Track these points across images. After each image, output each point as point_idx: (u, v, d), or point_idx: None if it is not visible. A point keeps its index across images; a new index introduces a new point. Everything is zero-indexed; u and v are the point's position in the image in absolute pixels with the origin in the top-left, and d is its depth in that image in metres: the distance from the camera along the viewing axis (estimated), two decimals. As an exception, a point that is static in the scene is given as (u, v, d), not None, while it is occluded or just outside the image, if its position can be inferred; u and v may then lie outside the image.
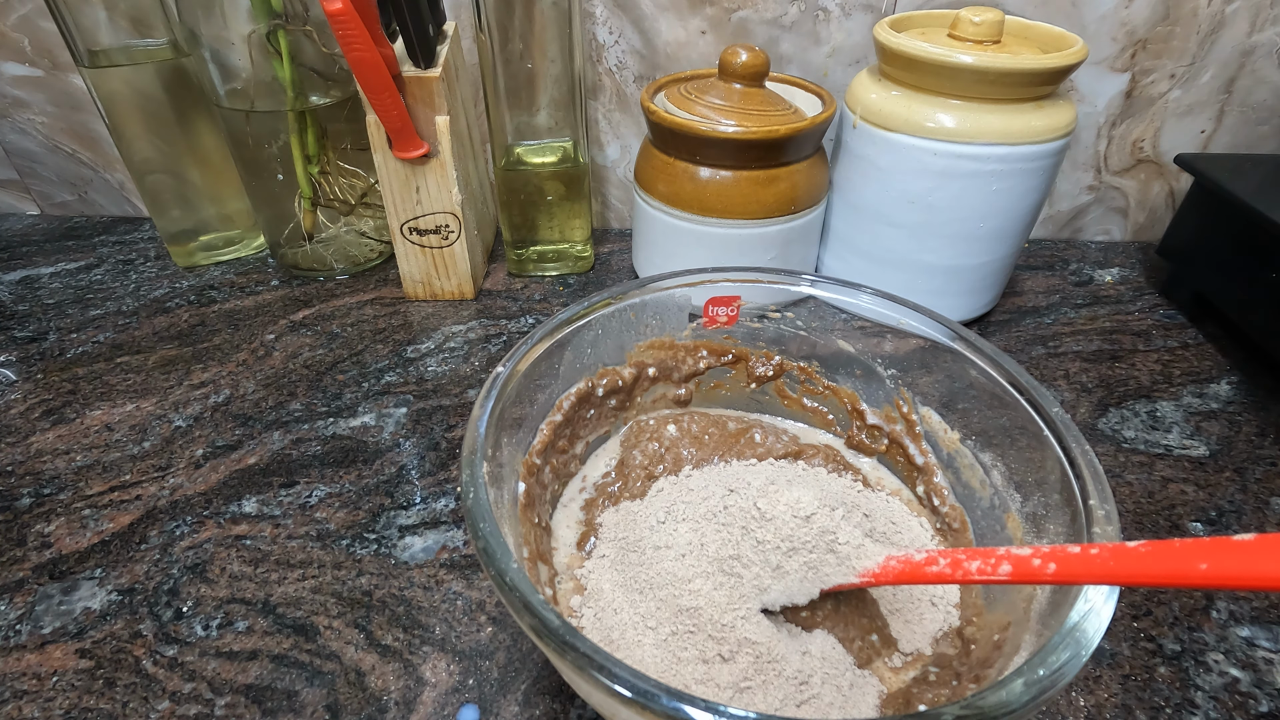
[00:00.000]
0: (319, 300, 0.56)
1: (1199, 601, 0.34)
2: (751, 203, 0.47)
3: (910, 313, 0.32)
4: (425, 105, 0.47)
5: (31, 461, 0.41)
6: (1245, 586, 0.15)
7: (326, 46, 0.49)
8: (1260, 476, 0.41)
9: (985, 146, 0.43)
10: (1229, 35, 0.54)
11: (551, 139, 0.54)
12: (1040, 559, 0.19)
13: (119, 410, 0.45)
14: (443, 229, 0.52)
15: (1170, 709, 0.30)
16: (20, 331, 0.53)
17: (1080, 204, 0.64)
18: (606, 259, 0.62)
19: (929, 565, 0.23)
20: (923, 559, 0.23)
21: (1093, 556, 0.18)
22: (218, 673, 0.31)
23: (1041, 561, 0.19)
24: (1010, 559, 0.20)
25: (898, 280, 0.50)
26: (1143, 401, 0.47)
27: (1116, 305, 0.56)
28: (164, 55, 0.52)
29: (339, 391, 0.47)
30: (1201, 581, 0.16)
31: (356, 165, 0.55)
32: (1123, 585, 0.18)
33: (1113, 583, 0.18)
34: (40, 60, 0.60)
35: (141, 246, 0.63)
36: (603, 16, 0.56)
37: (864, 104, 0.47)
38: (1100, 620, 0.20)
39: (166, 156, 0.55)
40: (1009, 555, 0.20)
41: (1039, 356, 0.51)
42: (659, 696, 0.17)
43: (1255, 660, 0.32)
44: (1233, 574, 0.15)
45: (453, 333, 0.52)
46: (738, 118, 0.45)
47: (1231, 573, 0.15)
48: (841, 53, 0.57)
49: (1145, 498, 0.40)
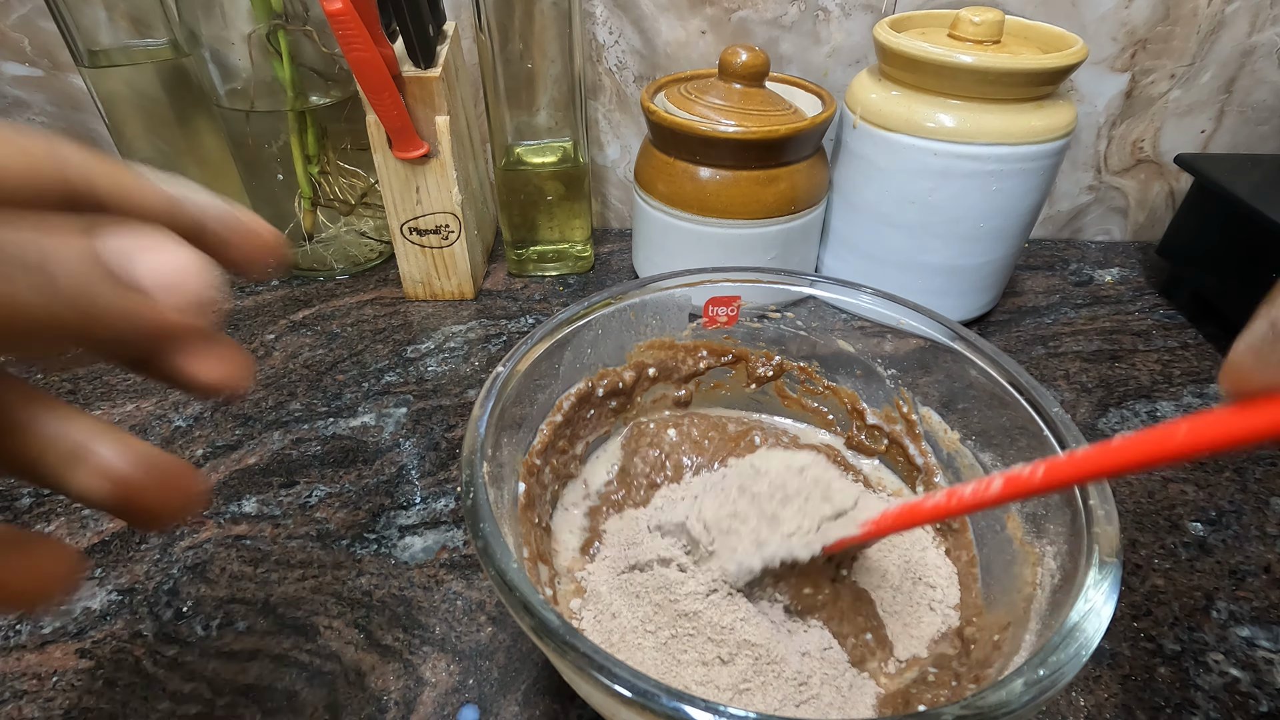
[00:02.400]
0: (319, 300, 0.56)
1: (1199, 601, 0.34)
2: (751, 203, 0.47)
3: (910, 313, 0.32)
4: (425, 105, 0.47)
5: (31, 461, 0.41)
6: (1223, 445, 0.16)
7: (326, 46, 0.49)
8: (1260, 476, 0.41)
9: (985, 146, 0.43)
10: (1229, 35, 0.54)
11: (551, 139, 0.54)
12: (1028, 468, 0.20)
13: (119, 410, 0.45)
14: (443, 229, 0.52)
15: (1170, 709, 0.30)
16: (20, 331, 0.52)
17: (1080, 204, 0.64)
18: (606, 259, 0.62)
19: (925, 502, 0.23)
20: (919, 499, 0.24)
21: (1077, 456, 0.19)
22: (218, 673, 0.31)
23: (1030, 470, 0.20)
24: (1001, 476, 0.21)
25: (898, 280, 0.50)
26: (1143, 401, 0.47)
27: (1116, 305, 0.56)
28: (164, 55, 0.52)
29: (339, 391, 0.47)
30: (1181, 448, 0.16)
31: (356, 165, 0.55)
32: (1109, 475, 0.18)
33: (1099, 474, 0.18)
34: (40, 60, 0.60)
35: (141, 246, 0.63)
36: (603, 16, 0.56)
37: (864, 104, 0.47)
38: (1100, 620, 0.20)
39: (166, 156, 0.55)
40: (1000, 475, 0.21)
41: (1039, 356, 0.51)
42: (659, 696, 0.17)
43: (1255, 660, 0.32)
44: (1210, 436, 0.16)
45: (453, 333, 0.52)
46: (738, 118, 0.45)
47: (1208, 435, 0.16)
48: (841, 53, 0.57)
49: (1145, 498, 0.40)
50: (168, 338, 0.14)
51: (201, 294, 0.13)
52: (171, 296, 0.13)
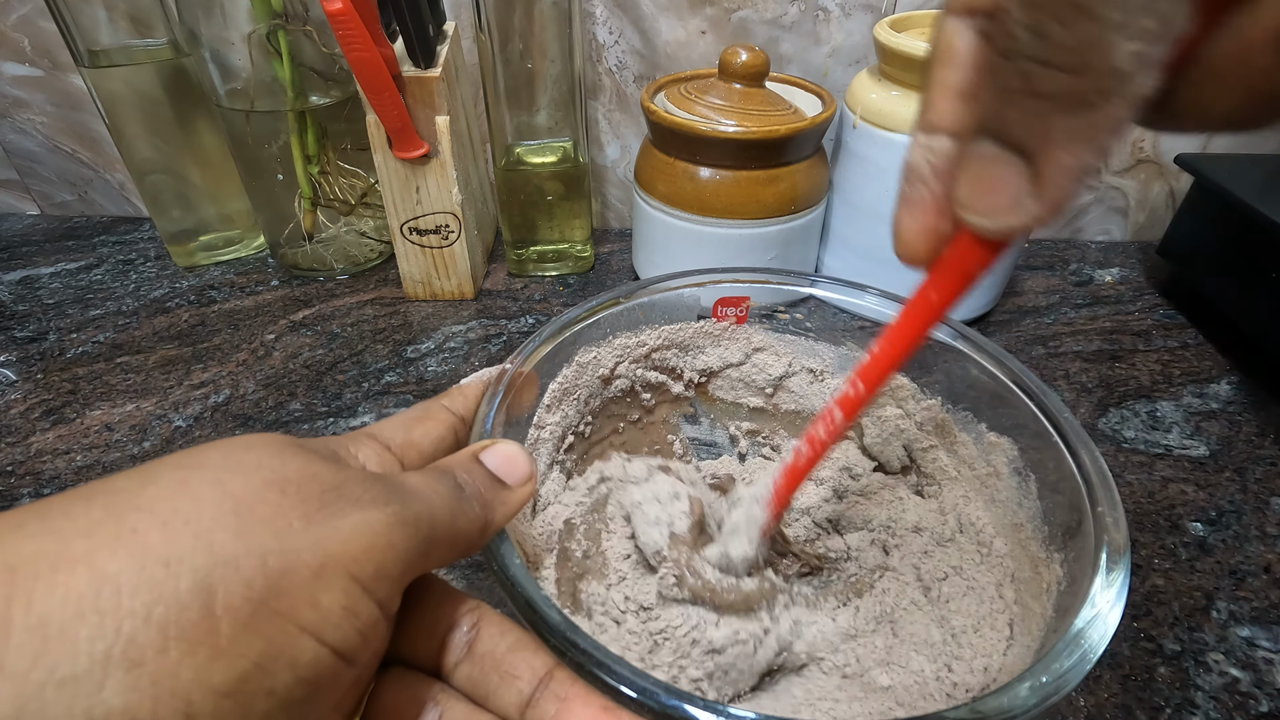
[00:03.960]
0: (319, 300, 0.56)
1: (1199, 601, 0.34)
2: (751, 203, 0.47)
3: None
4: (425, 105, 0.47)
5: (31, 461, 0.41)
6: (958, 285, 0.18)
7: (326, 46, 0.49)
8: (1260, 476, 0.41)
9: (985, 146, 0.43)
10: (1229, 35, 0.54)
11: (551, 139, 0.54)
12: (850, 385, 0.22)
13: (119, 410, 0.45)
14: (443, 229, 0.52)
15: (1170, 709, 0.30)
16: (20, 331, 0.53)
17: (1080, 204, 0.64)
18: (606, 259, 0.62)
19: (795, 461, 0.25)
20: (789, 460, 0.26)
21: (875, 353, 0.21)
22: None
23: (851, 387, 0.22)
24: (835, 404, 0.23)
25: (898, 280, 0.50)
26: (1143, 401, 0.46)
27: (1116, 305, 0.56)
28: (164, 55, 0.52)
29: (339, 391, 0.47)
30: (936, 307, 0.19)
31: (356, 165, 0.55)
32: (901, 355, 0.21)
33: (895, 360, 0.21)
34: (40, 60, 0.60)
35: (141, 246, 0.63)
36: (603, 16, 0.56)
37: (864, 104, 0.47)
38: (1106, 626, 0.20)
39: (166, 156, 0.55)
40: (831, 405, 0.23)
41: (1039, 356, 0.51)
42: (659, 694, 0.17)
43: (1255, 660, 0.32)
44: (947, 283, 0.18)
45: (453, 333, 0.52)
46: (738, 118, 0.45)
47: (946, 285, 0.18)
48: (841, 53, 0.57)
49: (1145, 498, 0.40)
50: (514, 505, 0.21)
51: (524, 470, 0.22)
52: (511, 476, 0.21)
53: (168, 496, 0.15)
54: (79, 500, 0.14)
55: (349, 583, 0.16)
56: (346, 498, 0.16)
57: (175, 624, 0.13)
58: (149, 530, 0.14)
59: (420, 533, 0.17)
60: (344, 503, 0.16)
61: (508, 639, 0.20)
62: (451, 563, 0.21)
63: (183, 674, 0.13)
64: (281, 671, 0.14)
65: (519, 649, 0.19)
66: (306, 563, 0.15)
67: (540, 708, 0.18)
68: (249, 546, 0.14)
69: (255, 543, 0.14)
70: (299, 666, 0.15)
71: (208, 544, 0.14)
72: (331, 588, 0.15)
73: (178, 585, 0.13)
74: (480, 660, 0.19)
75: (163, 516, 0.14)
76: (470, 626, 0.20)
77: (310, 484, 0.16)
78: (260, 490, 0.15)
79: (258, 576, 0.14)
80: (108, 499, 0.14)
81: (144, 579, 0.13)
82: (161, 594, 0.13)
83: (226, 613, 0.14)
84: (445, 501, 0.19)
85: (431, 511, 0.18)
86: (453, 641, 0.20)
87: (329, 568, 0.15)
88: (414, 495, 0.18)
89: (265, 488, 0.15)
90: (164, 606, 0.13)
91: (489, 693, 0.19)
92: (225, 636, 0.14)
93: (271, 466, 0.16)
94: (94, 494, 0.15)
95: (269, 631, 0.14)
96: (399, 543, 0.17)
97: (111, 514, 0.14)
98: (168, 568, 0.13)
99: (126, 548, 0.13)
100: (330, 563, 0.15)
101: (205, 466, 0.16)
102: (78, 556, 0.13)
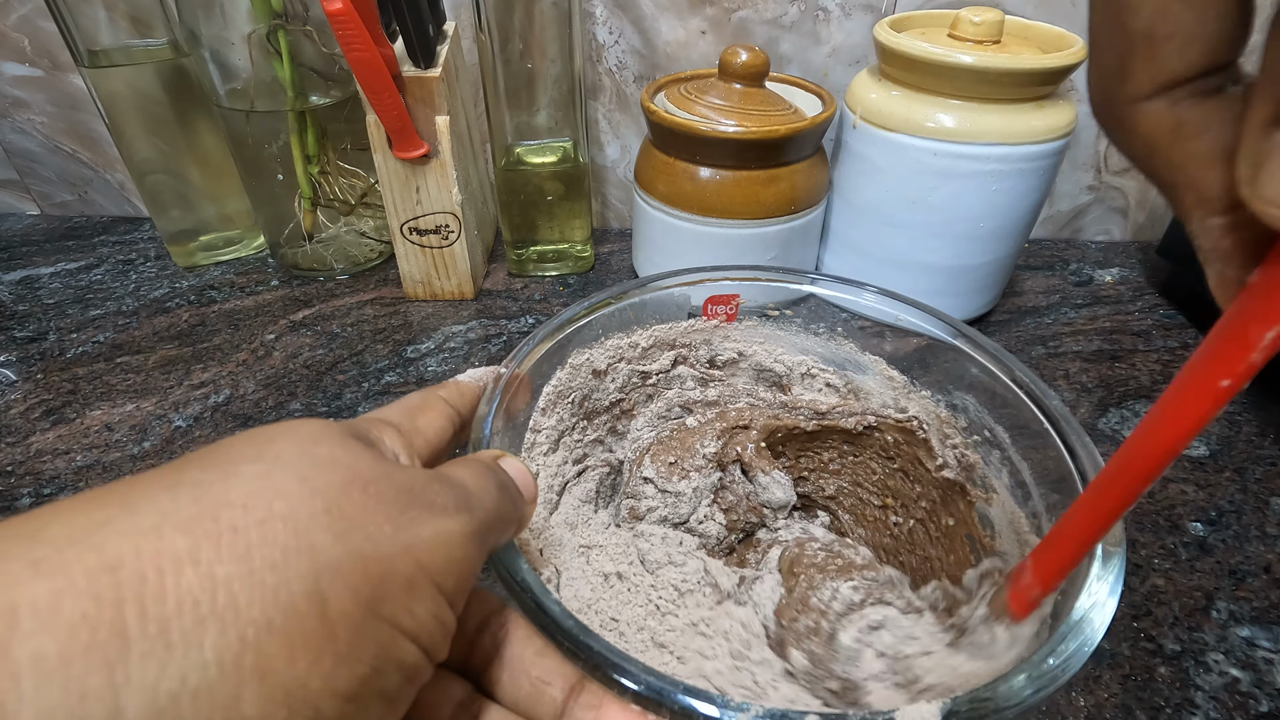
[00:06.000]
0: (319, 300, 0.56)
1: (1199, 601, 0.34)
2: (751, 203, 0.47)
3: (911, 310, 0.32)
4: (425, 105, 0.47)
5: (31, 461, 0.41)
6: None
7: (326, 46, 0.49)
8: (1260, 476, 0.41)
9: (985, 146, 0.43)
10: (1229, 35, 0.54)
11: (551, 139, 0.54)
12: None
13: (119, 410, 0.45)
14: (443, 229, 0.52)
15: (1170, 709, 0.30)
16: (20, 331, 0.53)
17: (1080, 204, 0.64)
18: (606, 259, 0.62)
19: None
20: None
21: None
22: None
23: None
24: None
25: (897, 280, 0.50)
26: (1143, 402, 0.46)
27: (1116, 305, 0.56)
28: (164, 55, 0.52)
29: (339, 391, 0.47)
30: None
31: (356, 165, 0.55)
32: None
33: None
34: (40, 60, 0.60)
35: (141, 246, 0.63)
36: (603, 16, 0.56)
37: (864, 104, 0.47)
38: (1105, 613, 0.20)
39: (166, 156, 0.55)
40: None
41: (1039, 356, 0.51)
42: (674, 694, 0.17)
43: (1255, 660, 0.32)
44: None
45: (453, 333, 0.52)
46: (738, 118, 0.45)
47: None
48: (841, 53, 0.57)
49: (1145, 498, 0.40)
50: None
51: (534, 487, 0.22)
52: (524, 491, 0.21)
53: (258, 492, 0.14)
54: (162, 491, 0.14)
55: (436, 592, 0.16)
56: (421, 502, 0.17)
57: (299, 633, 0.13)
58: (248, 529, 0.13)
59: (487, 543, 0.18)
60: (421, 508, 0.16)
61: (535, 643, 0.20)
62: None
63: (312, 683, 0.13)
64: (392, 673, 0.15)
65: (546, 654, 0.20)
66: (400, 571, 0.15)
67: (575, 717, 0.19)
68: (348, 549, 0.14)
69: (353, 546, 0.14)
70: (405, 668, 0.15)
71: (309, 545, 0.14)
72: (424, 596, 0.16)
73: (291, 590, 0.13)
74: (510, 664, 0.19)
75: (258, 514, 0.14)
76: (499, 628, 0.20)
77: (385, 483, 0.16)
78: (344, 488, 0.15)
79: (362, 582, 0.14)
80: (193, 491, 0.14)
81: (256, 584, 0.13)
82: (277, 600, 0.13)
83: (341, 619, 0.14)
84: (497, 503, 0.19)
85: (488, 515, 0.18)
86: (482, 643, 0.20)
87: (420, 578, 0.16)
88: (475, 499, 0.18)
89: (349, 485, 0.15)
90: (283, 614, 0.13)
91: (519, 698, 0.19)
92: (344, 643, 0.14)
93: (346, 462, 0.16)
94: (174, 484, 0.14)
95: (379, 636, 0.14)
96: (472, 554, 0.17)
97: (204, 509, 0.13)
98: (276, 572, 0.13)
99: (230, 549, 0.13)
100: (420, 573, 0.16)
101: (282, 459, 0.15)
102: (182, 557, 0.13)
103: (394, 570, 0.15)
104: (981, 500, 0.29)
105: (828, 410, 0.33)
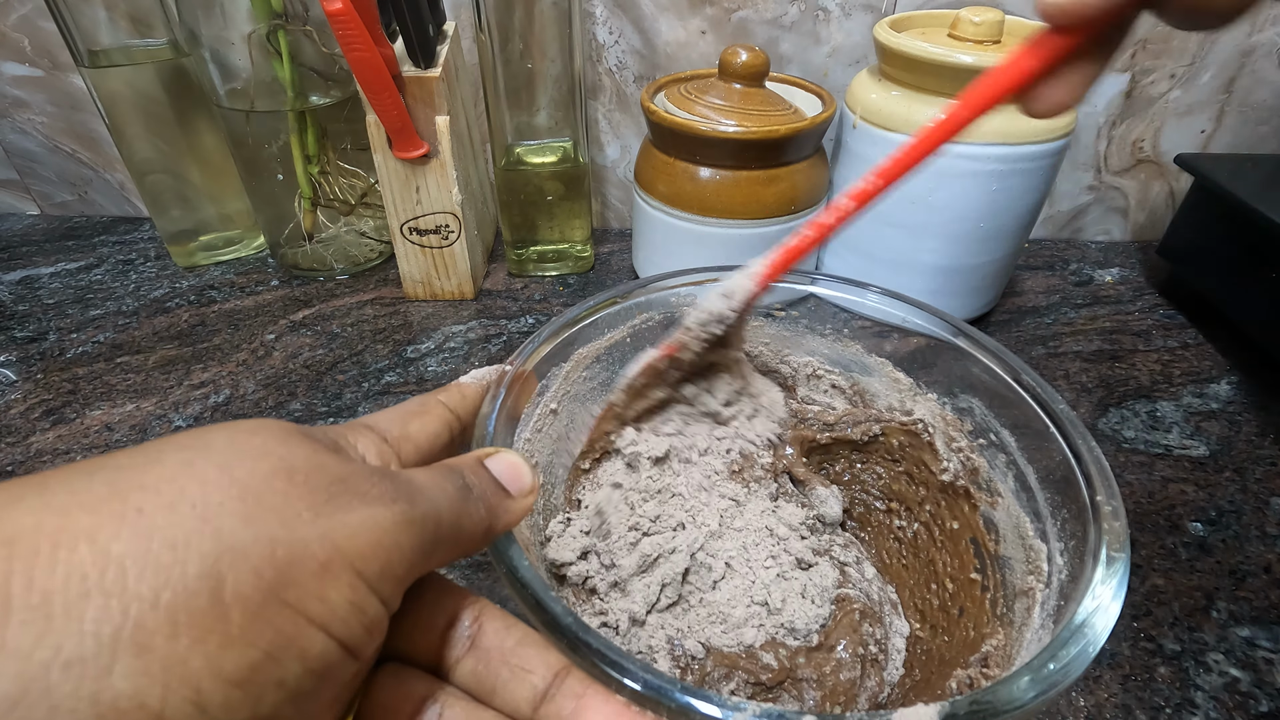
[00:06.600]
0: (319, 300, 0.56)
1: (1199, 601, 0.34)
2: (751, 203, 0.47)
3: (912, 309, 0.32)
4: (425, 105, 0.47)
5: (31, 462, 0.41)
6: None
7: (326, 46, 0.49)
8: (1260, 476, 0.41)
9: (985, 146, 0.43)
10: (1229, 35, 0.54)
11: (551, 139, 0.54)
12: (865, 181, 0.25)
13: (119, 410, 0.45)
14: (443, 229, 0.52)
15: (1170, 709, 0.30)
16: (20, 331, 0.53)
17: (1080, 204, 0.64)
18: (606, 259, 0.62)
19: (798, 242, 0.28)
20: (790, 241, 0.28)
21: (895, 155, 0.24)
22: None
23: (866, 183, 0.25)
24: (849, 194, 0.26)
25: (898, 280, 0.50)
26: (1143, 401, 0.47)
27: (1116, 305, 0.56)
28: (164, 55, 0.52)
29: (339, 391, 0.47)
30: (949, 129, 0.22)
31: (356, 165, 0.55)
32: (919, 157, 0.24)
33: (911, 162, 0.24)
34: (40, 60, 0.60)
35: (141, 246, 0.63)
36: (603, 16, 0.56)
37: (864, 104, 0.47)
38: (1108, 617, 0.20)
39: (166, 156, 0.55)
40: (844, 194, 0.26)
41: (1039, 356, 0.51)
42: (672, 691, 0.17)
43: (1255, 660, 0.32)
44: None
45: (453, 333, 0.52)
46: (738, 118, 0.45)
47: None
48: (841, 53, 0.57)
49: (1145, 498, 0.40)
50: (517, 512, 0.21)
51: (528, 482, 0.21)
52: (514, 486, 0.21)
53: (173, 478, 0.14)
54: (80, 475, 0.14)
55: (355, 579, 0.15)
56: (353, 491, 0.16)
57: (184, 610, 0.13)
58: (155, 511, 0.14)
59: (426, 532, 0.17)
60: (351, 496, 0.16)
61: (514, 634, 0.19)
62: (453, 562, 0.21)
63: (193, 661, 0.13)
64: (291, 663, 0.14)
65: (527, 644, 0.19)
66: (314, 555, 0.15)
67: (556, 703, 0.18)
68: (257, 534, 0.14)
69: (264, 531, 0.14)
70: (308, 658, 0.15)
71: (215, 529, 0.14)
72: (339, 583, 0.15)
73: (185, 570, 0.13)
74: (486, 655, 0.19)
75: (168, 498, 0.14)
76: (472, 621, 0.20)
77: (317, 474, 0.16)
78: (268, 477, 0.15)
79: (267, 565, 0.14)
80: (111, 475, 0.14)
81: (150, 562, 0.13)
82: (169, 578, 0.13)
83: (236, 601, 0.14)
84: (452, 501, 0.19)
85: (438, 511, 0.18)
86: (454, 637, 0.19)
87: (336, 562, 0.15)
88: (421, 493, 0.18)
89: (273, 475, 0.15)
90: (172, 592, 0.13)
91: (496, 687, 0.19)
92: (236, 625, 0.13)
93: (279, 454, 0.16)
94: (96, 469, 0.14)
95: (279, 622, 0.14)
96: (405, 542, 0.17)
97: (115, 491, 0.14)
98: (174, 551, 0.13)
99: (131, 528, 0.13)
100: (337, 557, 0.15)
101: (211, 449, 0.15)
102: (80, 533, 0.13)
103: (305, 555, 0.15)
104: (986, 504, 0.29)
105: (835, 421, 0.33)
